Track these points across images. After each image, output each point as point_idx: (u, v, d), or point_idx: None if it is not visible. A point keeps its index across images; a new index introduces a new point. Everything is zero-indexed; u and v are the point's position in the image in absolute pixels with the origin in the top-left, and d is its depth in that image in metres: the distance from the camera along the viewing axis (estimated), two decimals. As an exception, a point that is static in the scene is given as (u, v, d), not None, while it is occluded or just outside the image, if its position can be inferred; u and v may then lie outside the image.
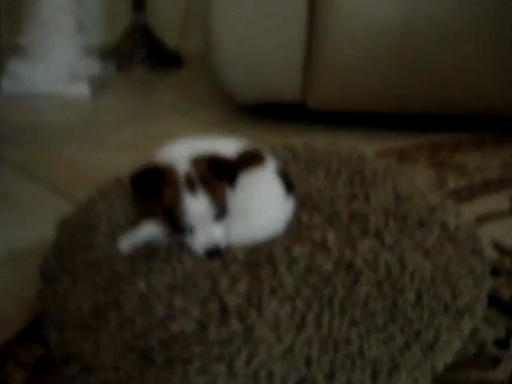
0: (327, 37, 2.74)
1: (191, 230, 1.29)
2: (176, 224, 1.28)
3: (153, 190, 1.29)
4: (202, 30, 3.06)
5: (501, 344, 1.31)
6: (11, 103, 3.20)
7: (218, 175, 1.32)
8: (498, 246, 1.69)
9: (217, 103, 3.28)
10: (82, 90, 3.30)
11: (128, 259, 1.35)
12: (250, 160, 1.47)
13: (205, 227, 1.29)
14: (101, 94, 3.41)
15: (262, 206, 1.42)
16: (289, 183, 1.48)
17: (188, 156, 1.33)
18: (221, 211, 1.31)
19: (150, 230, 1.42)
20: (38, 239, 1.75)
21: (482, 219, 1.86)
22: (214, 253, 1.30)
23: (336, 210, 1.45)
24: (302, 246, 1.31)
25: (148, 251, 1.36)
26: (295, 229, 1.43)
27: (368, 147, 2.30)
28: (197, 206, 1.26)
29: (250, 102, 2.98)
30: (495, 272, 1.53)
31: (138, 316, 1.19)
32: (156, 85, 3.76)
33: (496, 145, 2.72)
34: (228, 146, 1.48)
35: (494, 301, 1.42)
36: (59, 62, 3.35)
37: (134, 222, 1.47)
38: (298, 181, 1.59)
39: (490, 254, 1.60)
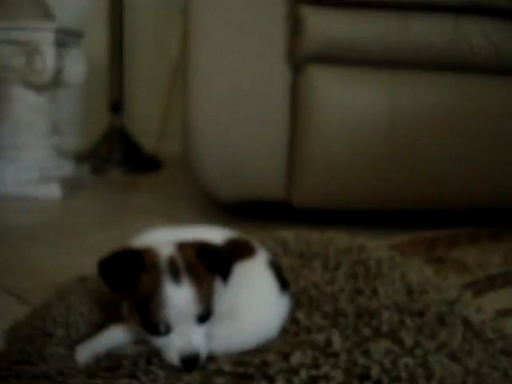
0: (311, 133, 2.59)
1: (166, 331, 1.06)
2: (150, 320, 1.05)
3: (128, 276, 1.07)
4: (180, 133, 2.91)
5: None
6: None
7: (208, 266, 1.11)
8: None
9: (197, 204, 3.09)
10: (53, 191, 3.09)
11: (86, 373, 1.07)
12: (238, 250, 1.24)
13: (183, 328, 1.06)
14: (73, 196, 3.20)
15: (253, 304, 1.18)
16: (282, 278, 1.24)
17: (170, 241, 1.11)
18: (205, 310, 1.09)
19: (114, 336, 1.18)
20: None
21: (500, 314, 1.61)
22: (191, 362, 1.06)
23: (340, 307, 1.21)
24: (303, 352, 1.05)
25: (111, 363, 1.10)
26: (292, 332, 1.18)
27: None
28: (179, 297, 1.04)
29: (233, 201, 2.78)
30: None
31: None
32: (132, 187, 3.58)
33: (493, 239, 2.52)
34: (213, 235, 1.26)
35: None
36: (31, 163, 3.16)
37: (96, 328, 1.21)
38: (292, 275, 1.36)
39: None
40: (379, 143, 2.56)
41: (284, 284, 1.24)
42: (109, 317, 1.29)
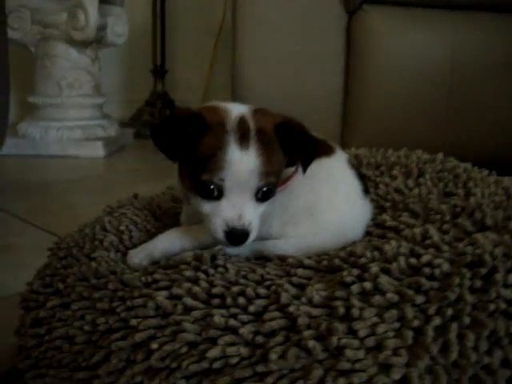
0: (366, 78, 2.41)
1: (218, 195, 0.92)
2: (203, 180, 0.91)
3: (185, 139, 0.92)
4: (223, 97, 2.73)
5: None
6: (22, 163, 2.87)
7: (285, 144, 0.95)
8: None
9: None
10: (96, 150, 2.95)
11: (142, 271, 0.91)
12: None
13: (237, 198, 0.92)
14: (116, 156, 3.07)
15: (335, 203, 1.00)
16: (363, 180, 1.06)
17: (248, 106, 0.97)
18: (267, 185, 0.93)
19: (171, 240, 1.02)
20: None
21: None
22: (236, 237, 0.91)
23: (431, 206, 1.02)
24: (397, 244, 0.86)
25: (171, 262, 0.92)
26: (375, 234, 1.00)
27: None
28: (241, 161, 0.89)
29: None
30: None
31: (157, 344, 0.78)
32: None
33: None
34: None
35: None
36: (73, 123, 3.02)
37: (152, 237, 1.05)
38: (371, 183, 1.17)
39: None
40: (439, 88, 2.36)
41: (365, 186, 1.07)
42: (164, 227, 1.12)
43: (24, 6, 2.90)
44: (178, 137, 0.92)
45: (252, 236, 0.92)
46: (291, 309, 0.75)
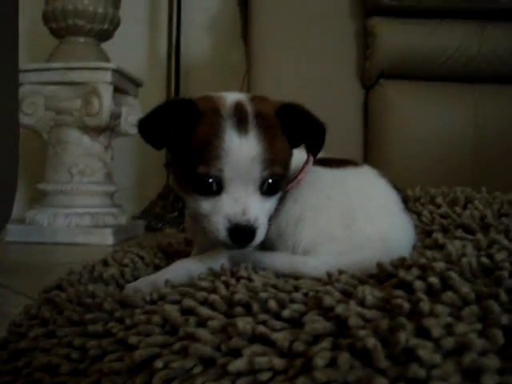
0: (386, 153, 2.29)
1: (218, 190, 0.81)
2: (200, 174, 0.80)
3: (180, 125, 0.82)
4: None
5: None
6: (28, 249, 2.73)
7: (289, 129, 0.85)
8: None
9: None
10: (105, 238, 2.79)
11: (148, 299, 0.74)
12: (343, 161, 0.93)
13: (239, 191, 0.80)
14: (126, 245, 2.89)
15: (372, 211, 0.84)
16: (402, 196, 0.91)
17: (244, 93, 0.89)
18: (272, 176, 0.81)
19: (178, 270, 0.86)
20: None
21: None
22: (241, 235, 0.79)
23: (489, 223, 0.85)
24: (462, 243, 0.70)
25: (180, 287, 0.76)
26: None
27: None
28: (241, 149, 0.79)
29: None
30: None
31: (162, 362, 0.59)
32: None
33: None
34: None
35: None
36: (83, 210, 2.90)
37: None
38: (411, 214, 1.01)
39: None
40: (462, 163, 2.24)
41: (404, 202, 0.91)
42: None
43: (38, 93, 2.88)
44: (169, 125, 0.82)
45: (260, 234, 0.80)
46: (339, 309, 0.57)
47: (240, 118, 0.80)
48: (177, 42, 3.52)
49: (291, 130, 0.84)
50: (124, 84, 3.01)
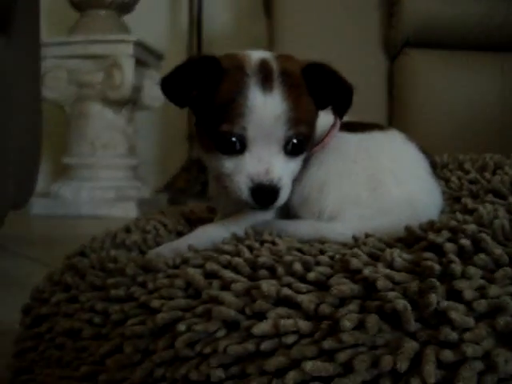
0: (411, 124, 2.24)
1: (241, 149, 0.78)
2: (223, 132, 0.77)
3: (204, 82, 0.79)
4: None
5: None
6: (52, 222, 2.75)
7: (314, 88, 0.81)
8: None
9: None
10: (128, 211, 2.80)
11: (170, 263, 0.72)
12: (369, 125, 0.90)
13: (263, 150, 0.77)
14: (149, 217, 2.88)
15: (399, 174, 0.81)
16: (430, 160, 0.88)
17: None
18: (296, 136, 0.78)
19: (200, 237, 0.83)
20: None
21: None
22: (265, 195, 0.77)
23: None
24: (493, 206, 0.67)
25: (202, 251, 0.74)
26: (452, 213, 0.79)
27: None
28: (264, 107, 0.76)
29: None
30: None
31: (185, 325, 0.58)
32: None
33: None
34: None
35: None
36: (106, 184, 2.90)
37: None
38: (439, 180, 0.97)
39: None
40: (488, 131, 2.19)
41: (432, 166, 0.88)
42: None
43: (60, 66, 2.87)
44: (192, 84, 0.79)
45: (283, 195, 0.77)
46: (366, 272, 0.55)
47: (265, 76, 0.77)
48: (198, 14, 3.48)
49: (317, 90, 0.81)
50: (146, 57, 2.99)
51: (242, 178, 0.77)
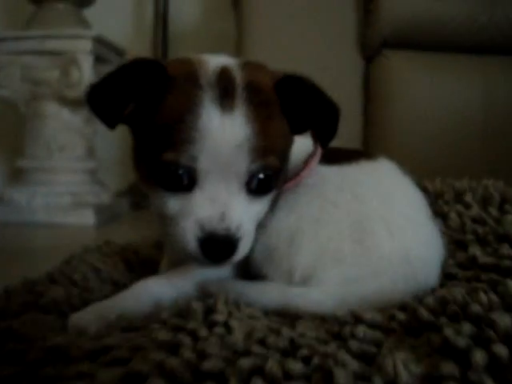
0: (387, 128, 2.08)
1: (190, 185, 0.60)
2: (167, 161, 0.59)
3: (143, 93, 0.62)
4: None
5: None
6: (3, 231, 2.50)
7: (290, 107, 0.64)
8: None
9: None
10: (86, 218, 2.58)
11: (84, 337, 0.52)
12: (352, 153, 0.71)
13: (218, 188, 0.60)
14: (108, 226, 2.69)
15: (392, 221, 0.62)
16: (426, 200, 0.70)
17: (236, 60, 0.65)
18: (266, 168, 0.61)
19: (136, 296, 0.65)
20: None
21: None
22: (218, 247, 0.58)
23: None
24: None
25: (135, 324, 0.54)
26: (462, 277, 0.61)
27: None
28: (224, 129, 0.58)
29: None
30: None
31: None
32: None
33: None
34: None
35: None
36: (63, 188, 2.68)
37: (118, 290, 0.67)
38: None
39: None
40: (471, 137, 2.03)
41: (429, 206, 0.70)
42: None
43: (14, 63, 2.63)
44: (128, 94, 0.61)
45: (243, 247, 0.60)
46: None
47: (224, 89, 0.60)
48: (164, 8, 3.25)
49: (294, 109, 0.63)
50: (106, 53, 2.77)
51: (188, 223, 0.59)
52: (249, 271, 0.65)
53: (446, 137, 2.03)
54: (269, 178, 0.62)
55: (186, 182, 0.59)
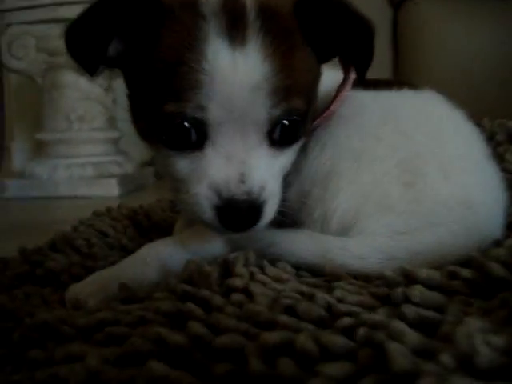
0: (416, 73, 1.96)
1: (200, 142, 0.49)
2: (171, 117, 0.48)
3: (134, 29, 0.50)
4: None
5: None
6: (27, 206, 2.46)
7: (313, 32, 0.51)
8: None
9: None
10: (110, 189, 2.51)
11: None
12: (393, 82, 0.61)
13: (233, 141, 0.48)
14: (133, 196, 2.62)
15: (448, 162, 0.51)
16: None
17: None
18: (291, 113, 0.49)
19: (139, 265, 0.54)
20: None
21: None
22: (239, 216, 0.47)
23: None
24: None
25: (138, 294, 0.45)
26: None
27: None
28: (236, 68, 0.46)
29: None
30: None
31: None
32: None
33: None
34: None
35: None
36: (85, 160, 2.61)
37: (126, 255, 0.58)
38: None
39: None
40: (489, 79, 1.90)
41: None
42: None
43: (27, 33, 2.55)
44: (113, 29, 0.50)
45: (268, 212, 0.49)
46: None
47: (233, 17, 0.48)
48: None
49: (319, 34, 0.52)
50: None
51: (202, 188, 0.49)
52: (284, 222, 0.55)
53: (478, 86, 1.91)
54: (295, 125, 0.51)
55: (194, 137, 0.50)
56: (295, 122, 0.51)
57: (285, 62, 0.48)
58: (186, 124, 0.49)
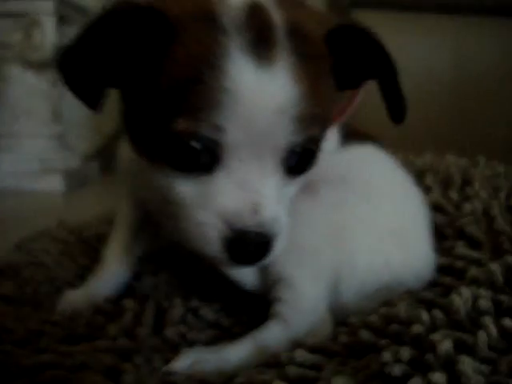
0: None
1: (210, 165, 0.46)
2: (181, 137, 0.45)
3: (140, 45, 0.47)
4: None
5: None
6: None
7: (338, 62, 0.51)
8: None
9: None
10: (54, 184, 2.53)
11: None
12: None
13: (249, 167, 0.46)
14: (78, 191, 2.64)
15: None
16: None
17: None
18: (310, 141, 0.49)
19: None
20: None
21: None
22: (250, 249, 0.45)
23: (498, 229, 0.63)
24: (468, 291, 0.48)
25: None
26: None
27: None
28: (261, 88, 0.44)
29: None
30: None
31: None
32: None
33: None
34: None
35: None
36: (30, 154, 2.62)
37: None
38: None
39: None
40: (440, 99, 2.02)
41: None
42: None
43: (-27, 25, 2.53)
44: (117, 48, 0.46)
45: (278, 247, 0.47)
46: None
47: (259, 33, 0.45)
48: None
49: (345, 65, 0.51)
50: (70, 14, 2.68)
51: (209, 217, 0.46)
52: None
53: (412, 102, 2.02)
54: (311, 154, 0.49)
55: (205, 160, 0.46)
56: (311, 151, 0.50)
57: (313, 89, 0.46)
58: (197, 145, 0.45)
